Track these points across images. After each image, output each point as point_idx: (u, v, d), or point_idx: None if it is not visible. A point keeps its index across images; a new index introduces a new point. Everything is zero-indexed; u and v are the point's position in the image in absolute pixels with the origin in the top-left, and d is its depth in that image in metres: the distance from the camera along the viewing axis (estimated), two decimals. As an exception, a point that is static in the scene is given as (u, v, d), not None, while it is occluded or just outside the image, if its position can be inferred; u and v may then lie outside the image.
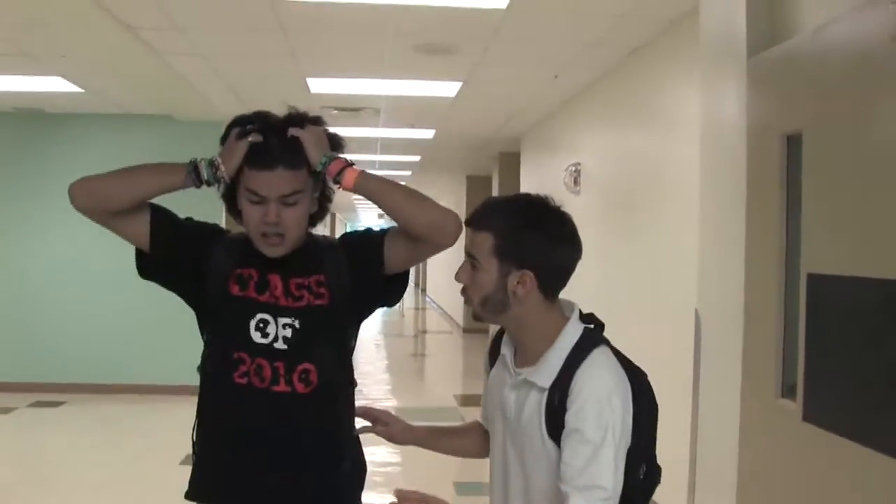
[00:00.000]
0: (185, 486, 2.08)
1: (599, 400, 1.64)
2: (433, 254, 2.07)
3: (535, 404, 1.72)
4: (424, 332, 16.83)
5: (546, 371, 1.72)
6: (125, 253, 2.06)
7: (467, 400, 8.82)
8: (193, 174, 1.94)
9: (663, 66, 5.18)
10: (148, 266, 2.06)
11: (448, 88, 7.00)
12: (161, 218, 2.03)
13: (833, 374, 2.47)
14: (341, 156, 1.99)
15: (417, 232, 1.98)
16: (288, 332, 1.98)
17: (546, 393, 1.70)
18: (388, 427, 2.07)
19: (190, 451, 2.08)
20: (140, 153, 7.60)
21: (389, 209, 1.99)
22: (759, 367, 2.85)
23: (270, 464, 1.97)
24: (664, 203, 5.07)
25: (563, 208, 1.78)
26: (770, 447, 2.78)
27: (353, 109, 7.88)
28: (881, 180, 2.22)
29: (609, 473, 1.62)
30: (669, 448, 2.14)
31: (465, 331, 14.75)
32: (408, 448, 2.10)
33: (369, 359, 11.60)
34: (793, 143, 2.66)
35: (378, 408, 2.12)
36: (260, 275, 2.01)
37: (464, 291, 1.80)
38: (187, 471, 2.09)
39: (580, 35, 5.26)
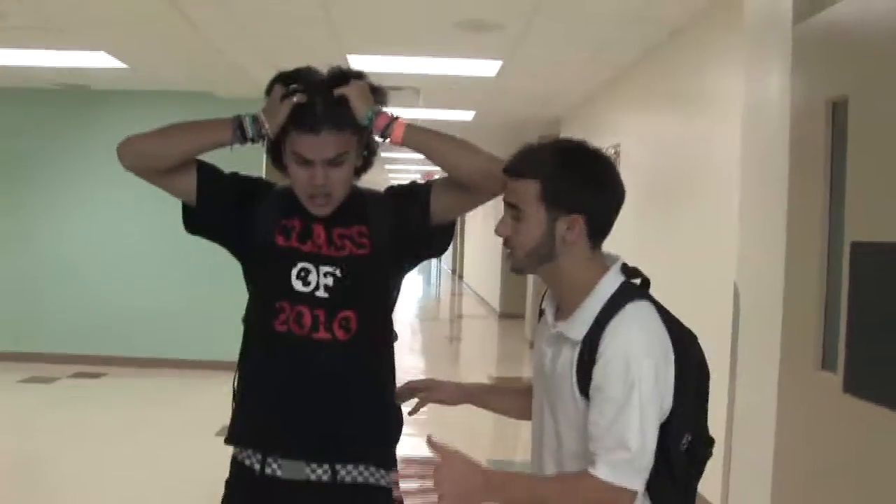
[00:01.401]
0: (220, 458, 2.10)
1: (626, 355, 1.57)
2: (482, 202, 2.05)
3: (568, 359, 1.67)
4: (460, 316, 16.85)
5: (579, 324, 1.66)
6: (170, 229, 2.08)
7: (502, 382, 8.82)
8: (239, 131, 1.95)
9: (705, 48, 5.11)
10: (196, 220, 2.07)
11: (488, 67, 6.96)
12: (208, 173, 2.05)
13: (875, 344, 2.42)
14: (386, 109, 1.98)
15: (467, 180, 1.98)
16: (329, 281, 1.98)
17: (578, 346, 1.65)
18: (436, 391, 2.06)
19: (225, 423, 2.10)
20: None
21: (439, 159, 1.99)
22: (799, 339, 2.81)
23: (310, 411, 1.98)
24: (704, 184, 5.00)
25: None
26: (809, 419, 2.75)
27: (394, 89, 7.85)
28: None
29: (634, 434, 1.54)
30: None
31: (501, 315, 14.72)
32: (441, 424, 2.08)
33: (405, 342, 11.63)
34: (838, 110, 2.61)
35: (420, 382, 2.09)
36: (303, 224, 2.02)
37: (506, 243, 1.74)
38: (221, 443, 2.11)
39: (621, 12, 5.20)
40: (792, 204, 2.90)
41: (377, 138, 2.01)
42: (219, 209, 2.04)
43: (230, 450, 2.10)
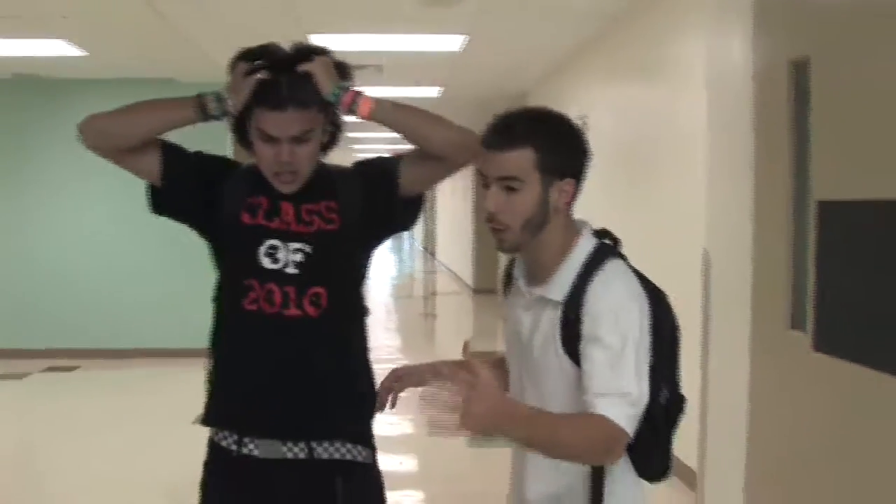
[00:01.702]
0: (199, 445, 2.08)
1: (616, 306, 1.60)
2: (452, 173, 2.05)
3: (550, 321, 1.68)
4: (434, 293, 16.83)
5: (559, 285, 1.67)
6: (138, 218, 2.05)
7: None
8: (201, 108, 1.93)
9: (667, 15, 5.12)
10: (160, 200, 2.05)
11: (452, 42, 6.93)
12: (172, 152, 2.03)
13: (844, 301, 2.46)
14: (352, 86, 1.96)
15: (438, 152, 1.97)
16: (299, 257, 1.97)
17: (561, 307, 1.66)
18: (408, 379, 2.03)
19: (200, 411, 2.08)
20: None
21: (408, 133, 1.98)
22: (769, 300, 2.84)
23: (283, 389, 1.97)
24: (671, 151, 5.03)
25: None
26: (781, 379, 2.79)
27: (357, 67, 7.80)
28: (889, 101, 2.20)
29: (632, 378, 1.56)
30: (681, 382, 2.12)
31: (475, 291, 14.77)
32: (417, 398, 2.06)
33: (380, 320, 11.63)
34: (800, 70, 2.63)
35: (385, 384, 2.05)
36: (270, 202, 2.00)
37: (493, 221, 1.71)
38: (198, 430, 2.09)
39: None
40: (758, 166, 2.92)
41: (344, 115, 2.00)
42: (184, 189, 2.02)
43: (208, 434, 2.09)
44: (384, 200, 2.04)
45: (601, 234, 1.76)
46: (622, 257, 1.73)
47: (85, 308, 8.50)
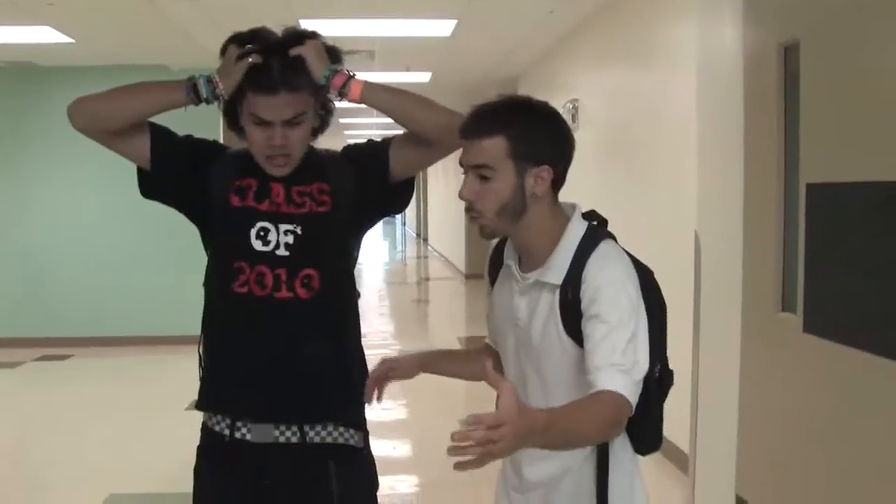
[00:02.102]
0: (193, 432, 2.09)
1: (614, 282, 1.63)
2: (443, 156, 2.06)
3: (548, 304, 1.70)
4: (427, 279, 16.88)
5: (556, 268, 1.69)
6: (129, 205, 2.05)
7: (472, 342, 8.86)
8: (192, 92, 1.93)
9: (658, 1, 5.11)
10: (150, 183, 2.05)
11: (443, 27, 6.91)
12: (161, 135, 2.03)
13: (834, 283, 2.48)
14: (343, 69, 1.97)
15: (428, 135, 1.98)
16: (290, 239, 1.97)
17: (558, 289, 1.68)
18: (394, 373, 2.04)
19: (195, 397, 2.09)
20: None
21: (398, 116, 1.99)
22: (760, 283, 2.86)
23: (274, 372, 1.98)
24: (662, 135, 5.03)
25: None
26: (771, 360, 2.81)
27: (348, 53, 7.77)
28: (878, 84, 2.21)
29: (632, 349, 1.58)
30: (672, 366, 2.14)
31: (467, 276, 14.77)
32: (413, 388, 2.06)
33: (373, 306, 11.64)
34: (790, 53, 2.64)
35: (377, 370, 2.05)
36: (260, 184, 2.00)
37: (470, 209, 1.73)
38: (193, 416, 2.10)
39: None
40: (748, 149, 2.93)
41: (335, 98, 2.00)
42: (173, 172, 2.02)
43: (202, 421, 2.09)
44: (376, 184, 2.05)
45: (589, 216, 1.78)
46: (614, 238, 1.75)
47: (78, 296, 8.48)
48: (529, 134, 1.68)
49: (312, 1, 6.01)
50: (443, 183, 18.40)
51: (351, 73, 1.96)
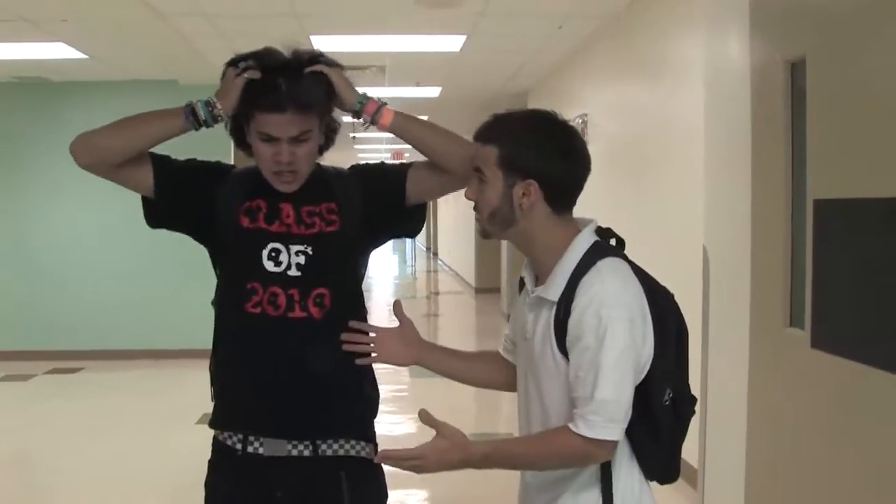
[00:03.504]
0: (202, 446, 2.11)
1: (597, 306, 1.60)
2: (461, 187, 2.04)
3: (546, 321, 1.69)
4: (437, 293, 16.88)
5: (554, 285, 1.69)
6: (139, 220, 2.06)
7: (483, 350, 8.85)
8: (191, 116, 1.94)
9: (665, 14, 5.14)
10: (156, 213, 2.06)
11: (452, 42, 6.95)
12: (163, 164, 2.03)
13: (841, 299, 2.47)
14: (374, 97, 2.01)
15: (452, 167, 2.00)
16: (301, 259, 1.99)
17: (554, 306, 1.67)
18: (380, 349, 2.01)
19: (205, 411, 2.11)
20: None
21: (424, 147, 2.03)
22: (768, 298, 2.85)
23: (288, 391, 1.99)
24: (670, 149, 5.05)
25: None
26: (779, 376, 2.80)
27: (359, 68, 7.84)
28: (884, 101, 2.21)
29: (607, 382, 1.56)
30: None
31: (477, 290, 14.78)
32: (422, 401, 2.06)
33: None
34: (797, 70, 2.65)
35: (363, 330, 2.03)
36: (269, 205, 2.02)
37: (475, 208, 1.78)
38: (201, 430, 2.12)
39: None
40: (755, 165, 2.93)
41: (365, 125, 2.03)
42: (178, 199, 2.03)
43: (211, 435, 2.11)
44: (389, 208, 2.07)
45: (604, 233, 1.77)
46: (624, 257, 1.73)
47: (88, 310, 8.52)
48: (520, 147, 1.70)
49: (323, 17, 6.06)
50: (453, 197, 18.42)
51: (382, 101, 2.00)
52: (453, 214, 18.75)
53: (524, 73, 8.68)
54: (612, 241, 1.77)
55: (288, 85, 1.91)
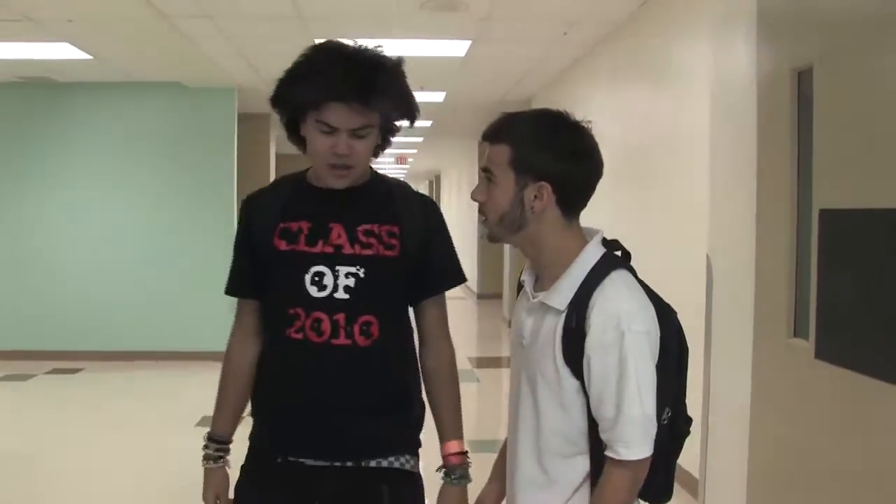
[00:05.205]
0: (200, 449, 2.08)
1: (619, 323, 1.56)
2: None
3: (551, 328, 1.65)
4: (438, 298, 16.82)
5: (562, 292, 1.64)
6: (143, 221, 2.05)
7: (482, 362, 8.85)
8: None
9: (671, 22, 5.13)
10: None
11: (457, 48, 6.95)
12: (249, 276, 2.04)
13: (846, 310, 2.45)
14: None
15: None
16: (350, 282, 1.91)
17: (563, 316, 1.63)
18: None
19: (205, 414, 2.08)
20: (150, 120, 7.68)
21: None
22: (772, 308, 2.84)
23: (332, 418, 1.93)
24: (675, 157, 5.03)
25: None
26: (783, 386, 2.78)
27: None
28: (891, 110, 2.20)
29: (635, 401, 1.55)
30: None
31: (479, 296, 14.77)
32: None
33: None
34: (803, 78, 2.63)
35: None
36: (314, 226, 1.94)
37: (481, 210, 1.73)
38: (202, 432, 2.10)
39: (589, -12, 5.21)
40: (761, 173, 2.92)
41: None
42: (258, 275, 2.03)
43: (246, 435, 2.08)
44: (428, 263, 2.03)
45: (611, 244, 1.73)
46: (631, 269, 1.70)
47: (89, 310, 8.53)
48: (534, 147, 1.65)
49: (328, 21, 6.05)
50: (455, 203, 18.41)
51: (463, 450, 2.05)
52: (455, 220, 18.73)
53: (529, 79, 8.67)
54: (618, 253, 1.73)
55: (356, 78, 1.84)
